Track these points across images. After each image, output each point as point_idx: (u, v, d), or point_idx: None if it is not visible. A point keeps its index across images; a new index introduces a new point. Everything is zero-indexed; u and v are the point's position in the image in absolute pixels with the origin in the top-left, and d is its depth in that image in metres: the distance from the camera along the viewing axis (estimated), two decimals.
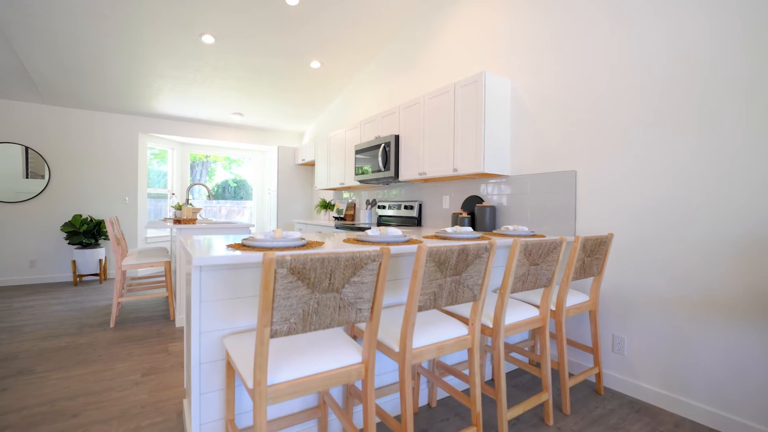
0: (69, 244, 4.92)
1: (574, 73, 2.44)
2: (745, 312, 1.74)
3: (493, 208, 2.83)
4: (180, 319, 3.24)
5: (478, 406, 1.55)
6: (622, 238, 2.19)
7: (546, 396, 1.83)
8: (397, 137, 3.55)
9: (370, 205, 4.29)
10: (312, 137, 6.49)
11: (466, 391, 2.18)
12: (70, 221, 4.91)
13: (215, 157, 6.97)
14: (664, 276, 2.01)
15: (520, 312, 1.81)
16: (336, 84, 5.10)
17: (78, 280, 5.04)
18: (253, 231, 7.13)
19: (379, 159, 3.67)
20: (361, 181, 4.08)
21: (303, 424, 1.63)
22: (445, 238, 2.04)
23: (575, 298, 2.09)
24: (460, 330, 1.54)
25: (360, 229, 3.77)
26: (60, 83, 4.44)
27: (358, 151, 4.11)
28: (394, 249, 1.59)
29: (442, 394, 2.11)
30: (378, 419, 1.83)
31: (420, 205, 3.74)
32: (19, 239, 4.86)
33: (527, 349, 2.46)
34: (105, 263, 5.17)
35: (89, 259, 4.96)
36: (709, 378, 1.85)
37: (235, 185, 7.22)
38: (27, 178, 4.87)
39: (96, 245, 5.09)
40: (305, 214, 6.20)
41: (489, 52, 3.06)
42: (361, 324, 1.49)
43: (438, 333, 1.49)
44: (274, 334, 1.03)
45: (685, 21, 1.94)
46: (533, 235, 2.32)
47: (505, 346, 2.19)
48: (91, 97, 4.86)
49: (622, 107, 2.19)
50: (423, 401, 2.03)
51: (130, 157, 5.50)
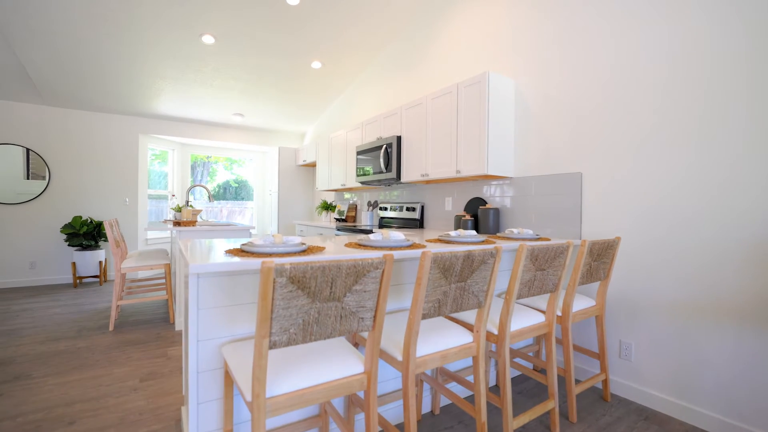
0: (69, 245, 4.90)
1: (580, 72, 2.39)
2: (758, 317, 1.69)
3: (496, 211, 2.79)
4: (180, 322, 3.20)
5: (483, 416, 1.51)
6: (629, 240, 2.14)
7: (552, 404, 1.79)
8: (399, 138, 3.51)
9: (371, 207, 4.24)
10: (313, 138, 6.45)
11: (470, 398, 2.14)
12: (69, 223, 4.88)
13: (216, 158, 6.94)
14: (672, 279, 1.97)
15: (526, 318, 1.77)
16: (337, 84, 5.06)
17: (78, 281, 5.02)
18: (253, 233, 7.09)
19: (381, 160, 3.63)
20: (362, 182, 4.04)
21: None
22: (448, 242, 2.00)
23: (581, 303, 2.04)
24: (464, 337, 1.50)
25: (362, 231, 3.73)
26: (60, 84, 4.41)
27: (359, 152, 4.07)
28: (397, 254, 1.55)
29: (445, 400, 2.06)
30: (380, 429, 1.79)
31: (422, 207, 3.69)
32: (19, 240, 4.84)
33: (531, 354, 2.42)
34: (105, 265, 5.14)
35: (89, 260, 4.93)
36: (720, 385, 1.80)
37: (236, 185, 7.18)
38: (28, 179, 4.85)
39: (96, 247, 5.06)
40: (306, 215, 6.17)
41: (492, 52, 3.01)
42: (363, 332, 1.45)
43: (442, 341, 1.45)
44: (273, 346, 0.99)
45: (688, 21, 1.89)
46: (538, 239, 2.28)
47: (509, 351, 2.15)
48: (91, 98, 4.84)
49: (629, 107, 2.14)
50: (426, 408, 1.99)
51: (130, 158, 5.47)
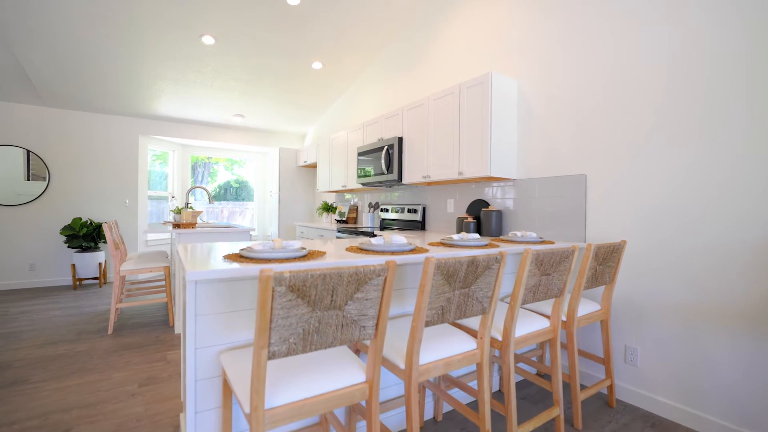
0: (69, 247, 4.87)
1: (583, 73, 2.36)
2: (765, 321, 1.65)
3: (499, 213, 2.75)
4: (179, 325, 3.18)
5: (488, 424, 1.48)
6: (634, 243, 2.11)
7: (557, 411, 1.75)
8: (400, 139, 3.48)
9: (372, 208, 4.21)
10: (314, 139, 6.42)
11: (473, 404, 2.10)
12: (69, 224, 4.86)
13: (217, 158, 6.92)
14: (676, 283, 1.93)
15: (530, 323, 1.73)
16: (338, 85, 5.03)
17: (77, 283, 4.99)
18: (253, 235, 7.06)
19: (382, 161, 3.60)
20: (363, 183, 4.01)
21: None
22: (451, 246, 1.97)
23: (586, 308, 2.01)
24: (468, 344, 1.47)
25: (363, 233, 3.70)
26: (60, 85, 4.39)
27: (360, 153, 4.04)
28: (399, 259, 1.52)
29: (447, 407, 2.03)
30: None
31: (424, 209, 3.66)
32: (19, 242, 4.82)
33: (534, 359, 2.38)
34: (105, 267, 5.11)
35: (89, 262, 4.91)
36: (728, 391, 1.76)
37: (237, 186, 7.16)
38: (28, 180, 4.83)
39: (96, 249, 5.04)
40: (307, 217, 6.14)
41: (494, 52, 2.98)
42: (365, 340, 1.42)
43: (445, 348, 1.41)
44: (271, 356, 0.96)
45: (688, 21, 1.86)
46: (542, 242, 2.24)
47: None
48: (91, 99, 4.81)
49: (634, 108, 2.11)
50: (428, 414, 1.95)
51: (130, 159, 5.45)
